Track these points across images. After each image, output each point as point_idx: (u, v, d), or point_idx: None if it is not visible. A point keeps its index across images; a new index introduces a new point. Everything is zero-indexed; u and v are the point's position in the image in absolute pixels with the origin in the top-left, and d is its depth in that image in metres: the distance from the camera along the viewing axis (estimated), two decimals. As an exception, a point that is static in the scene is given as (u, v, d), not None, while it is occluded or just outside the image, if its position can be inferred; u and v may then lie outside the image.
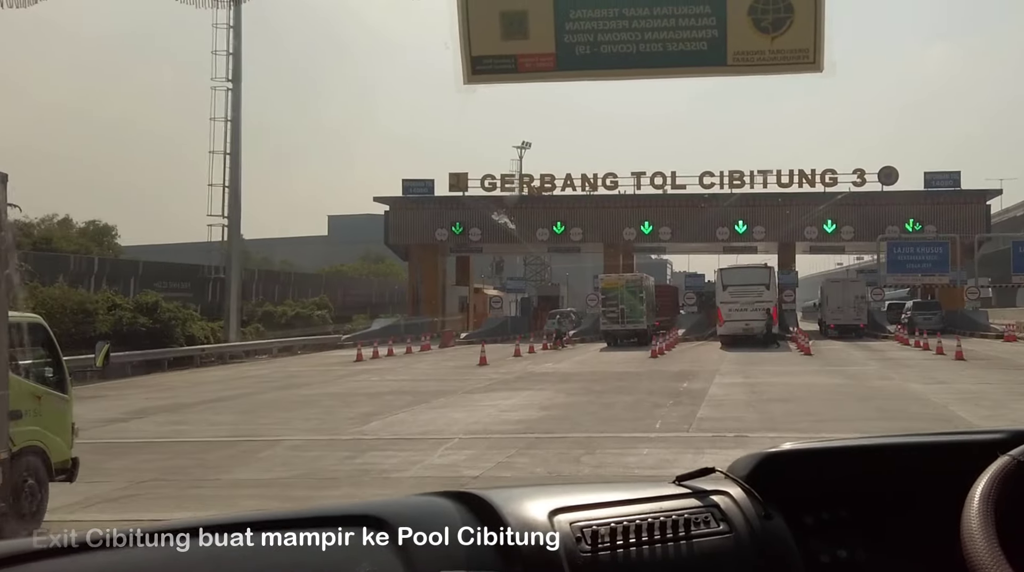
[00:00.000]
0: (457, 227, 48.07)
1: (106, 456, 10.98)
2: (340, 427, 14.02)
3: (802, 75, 5.66)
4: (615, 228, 47.68)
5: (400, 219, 48.62)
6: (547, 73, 5.90)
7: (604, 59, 6.04)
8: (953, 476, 1.46)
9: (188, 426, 14.84)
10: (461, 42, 5.46)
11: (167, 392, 20.86)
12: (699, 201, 47.43)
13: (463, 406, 16.35)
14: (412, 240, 48.81)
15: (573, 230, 47.85)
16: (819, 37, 5.61)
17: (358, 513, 1.42)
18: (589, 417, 14.70)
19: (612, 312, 38.66)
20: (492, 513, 1.43)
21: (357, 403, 17.14)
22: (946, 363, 24.85)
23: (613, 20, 5.98)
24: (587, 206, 47.88)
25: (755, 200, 47.00)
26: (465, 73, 5.49)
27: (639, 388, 18.96)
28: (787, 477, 1.66)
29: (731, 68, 6.10)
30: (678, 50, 5.86)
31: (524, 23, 5.72)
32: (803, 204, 46.59)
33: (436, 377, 23.06)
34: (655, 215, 47.68)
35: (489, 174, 48.17)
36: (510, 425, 13.77)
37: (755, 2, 5.75)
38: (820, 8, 5.65)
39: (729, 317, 34.99)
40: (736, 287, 35.28)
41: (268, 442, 12.50)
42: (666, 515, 1.50)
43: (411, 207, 48.56)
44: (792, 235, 46.81)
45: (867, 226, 45.91)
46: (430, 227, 48.27)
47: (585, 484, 2.22)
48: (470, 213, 48.23)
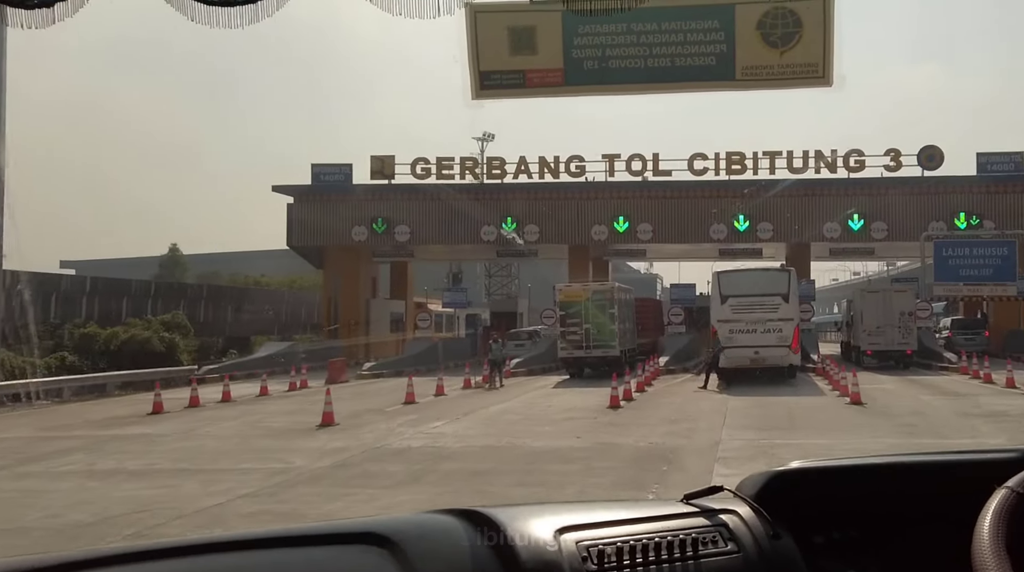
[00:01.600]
0: (379, 224, 37.66)
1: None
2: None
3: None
4: (582, 225, 37.31)
5: (307, 214, 38.16)
6: (555, 88, 8.07)
7: (612, 74, 5.98)
8: (966, 496, 1.43)
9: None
10: (470, 57, 4.36)
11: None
12: (688, 191, 37.14)
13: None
14: (323, 240, 38.30)
15: (528, 228, 37.46)
16: (828, 51, 4.61)
17: (361, 530, 1.42)
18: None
19: (574, 333, 28.62)
20: (497, 531, 1.42)
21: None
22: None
23: (621, 35, 5.46)
24: (546, 198, 37.53)
25: (760, 190, 36.74)
26: (474, 88, 4.50)
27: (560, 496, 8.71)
28: (796, 496, 1.63)
29: (740, 83, 9.28)
30: (686, 65, 5.27)
31: (532, 38, 5.12)
32: (822, 194, 36.39)
33: (190, 461, 12.54)
34: (632, 209, 37.35)
35: (422, 157, 37.85)
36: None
37: (764, 17, 4.73)
38: (829, 22, 4.56)
39: (731, 341, 24.60)
40: (741, 299, 24.82)
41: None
42: (673, 534, 1.49)
43: (322, 199, 38.13)
44: (808, 234, 36.56)
45: (904, 222, 35.67)
46: (347, 224, 37.88)
47: (592, 502, 2.05)
48: (397, 206, 37.89)
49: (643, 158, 36.82)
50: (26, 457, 13.07)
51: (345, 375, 27.63)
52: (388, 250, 38.80)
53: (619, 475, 10.54)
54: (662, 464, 11.20)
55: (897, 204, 35.88)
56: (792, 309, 24.99)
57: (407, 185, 37.86)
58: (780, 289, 24.94)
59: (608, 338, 28.33)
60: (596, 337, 28.24)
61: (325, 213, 37.95)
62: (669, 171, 37.26)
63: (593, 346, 28.19)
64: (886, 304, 28.76)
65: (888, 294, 29.10)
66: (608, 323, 28.42)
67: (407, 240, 37.75)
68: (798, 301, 26.24)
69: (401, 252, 39.00)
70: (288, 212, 38.11)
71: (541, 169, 37.63)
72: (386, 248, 38.88)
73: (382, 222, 37.55)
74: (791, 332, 24.58)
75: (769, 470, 1.67)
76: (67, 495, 9.99)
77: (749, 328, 24.51)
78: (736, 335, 24.60)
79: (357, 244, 37.91)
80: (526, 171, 37.69)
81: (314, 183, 38.10)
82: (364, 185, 38.05)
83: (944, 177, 35.87)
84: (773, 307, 24.71)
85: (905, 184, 35.92)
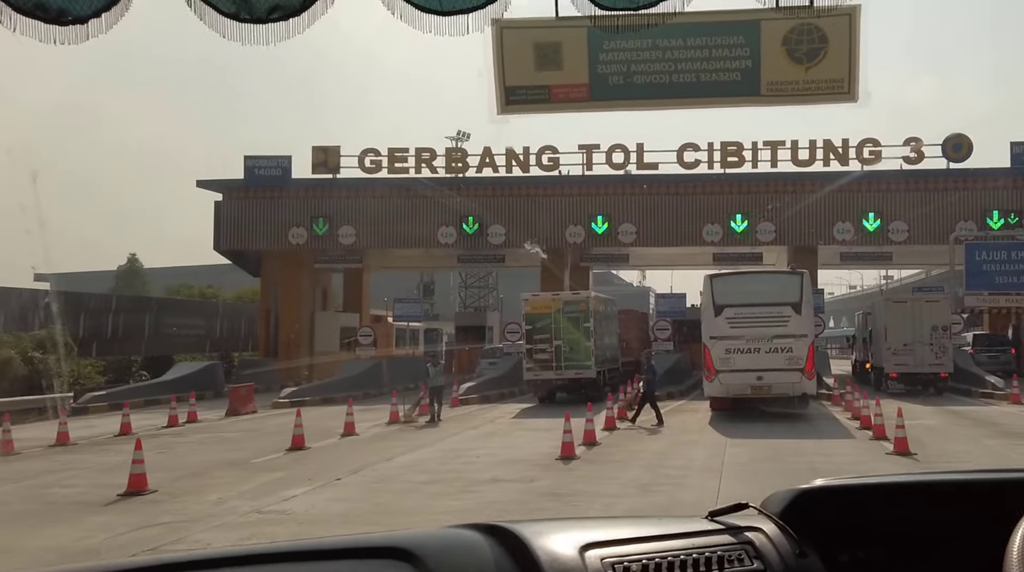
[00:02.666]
0: (320, 225, 32.55)
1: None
2: None
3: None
4: (555, 226, 32.24)
5: (238, 213, 33.04)
6: (581, 103, 4.64)
7: (637, 89, 4.94)
8: (993, 516, 1.41)
9: None
10: (495, 72, 4.34)
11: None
12: (678, 186, 32.15)
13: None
14: (257, 244, 33.15)
15: (492, 229, 32.38)
16: (854, 66, 4.47)
17: (386, 545, 1.43)
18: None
19: (542, 352, 24.08)
20: (521, 547, 1.41)
21: None
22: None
23: (647, 51, 5.11)
24: (513, 194, 32.50)
25: (760, 184, 31.80)
26: (499, 103, 4.31)
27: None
28: (822, 514, 1.62)
29: (765, 98, 11.15)
30: (711, 80, 4.70)
31: (558, 54, 5.02)
32: (831, 190, 31.40)
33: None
34: (613, 207, 32.31)
35: (371, 148, 32.77)
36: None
37: (789, 32, 4.37)
38: (855, 38, 4.53)
39: (727, 364, 19.37)
40: (741, 310, 19.54)
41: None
42: (699, 551, 1.48)
43: (256, 195, 33.04)
44: (815, 235, 31.58)
45: (929, 222, 30.69)
46: (283, 225, 32.80)
47: (617, 518, 1.83)
48: (341, 204, 32.84)
49: (625, 149, 31.79)
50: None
51: (252, 404, 22.44)
52: (333, 255, 33.65)
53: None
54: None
55: (920, 201, 30.93)
56: (805, 322, 19.58)
57: (353, 179, 32.83)
58: (790, 297, 19.53)
59: (583, 357, 23.96)
60: (569, 355, 23.90)
61: (259, 212, 32.88)
62: (655, 164, 32.25)
63: (565, 366, 23.87)
64: (915, 317, 23.70)
65: (918, 305, 24.00)
66: (583, 339, 24.00)
67: (352, 243, 32.61)
68: (812, 312, 20.95)
69: (348, 258, 33.84)
70: (215, 211, 32.96)
71: (508, 162, 32.60)
72: (333, 253, 33.72)
73: (323, 222, 32.44)
74: (804, 351, 19.17)
75: (794, 488, 1.66)
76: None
77: (751, 347, 19.23)
78: (734, 356, 19.31)
79: (295, 248, 32.79)
80: (491, 164, 32.68)
81: (247, 178, 33.01)
82: (303, 179, 33.00)
83: (974, 169, 30.92)
84: (781, 320, 19.36)
85: (929, 178, 30.99)
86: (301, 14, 2.25)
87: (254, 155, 33.25)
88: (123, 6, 2.19)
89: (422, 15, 2.27)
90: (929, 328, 23.42)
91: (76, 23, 2.16)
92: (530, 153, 32.46)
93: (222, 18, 2.21)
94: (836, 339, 58.65)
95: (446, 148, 32.77)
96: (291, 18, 2.23)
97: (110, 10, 2.18)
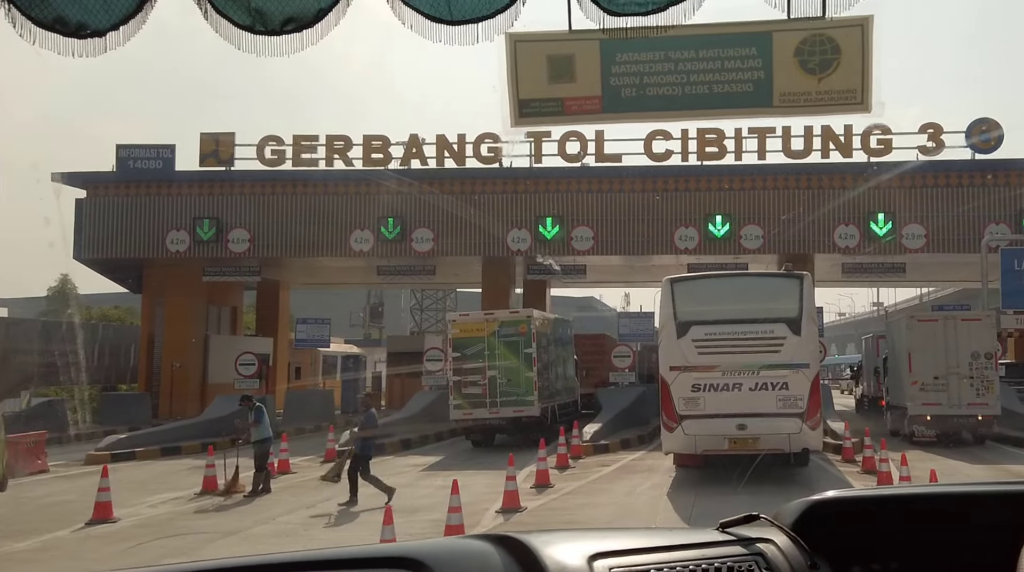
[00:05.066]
0: (205, 228, 26.50)
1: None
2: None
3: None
4: (493, 230, 26.30)
5: (106, 213, 26.96)
6: (594, 115, 8.16)
7: (650, 101, 8.16)
8: (1005, 527, 1.40)
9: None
10: (509, 85, 7.61)
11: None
12: (645, 182, 26.35)
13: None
14: (129, 252, 26.98)
15: (417, 233, 26.41)
16: (867, 77, 5.37)
17: (397, 555, 1.42)
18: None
19: (472, 385, 19.78)
20: (530, 557, 1.40)
21: None
22: None
23: (659, 63, 8.01)
24: (444, 191, 26.52)
25: (746, 179, 26.04)
26: (513, 116, 7.87)
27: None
28: (834, 526, 1.60)
29: (777, 109, 9.02)
30: (724, 91, 8.01)
31: (571, 67, 7.84)
32: (830, 187, 25.72)
33: None
34: (565, 206, 26.43)
35: (273, 135, 26.83)
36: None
37: (802, 44, 4.33)
38: (868, 49, 5.26)
39: (694, 406, 13.51)
40: (714, 328, 13.67)
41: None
42: (708, 562, 1.46)
43: (129, 192, 27.01)
44: (811, 242, 25.81)
45: (950, 224, 24.96)
46: (162, 228, 26.77)
47: (626, 529, 2.04)
48: (234, 203, 26.89)
49: (582, 137, 25.85)
50: None
51: (41, 460, 16.23)
52: (225, 266, 27.55)
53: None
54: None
55: (940, 200, 25.21)
56: (807, 346, 13.64)
57: (250, 173, 26.89)
58: (785, 310, 13.63)
59: (524, 391, 19.67)
60: (506, 389, 19.68)
61: (133, 213, 26.81)
62: (618, 155, 26.47)
63: (501, 402, 19.61)
64: (949, 341, 17.73)
65: (952, 325, 17.97)
66: (523, 369, 19.77)
67: (245, 250, 26.55)
68: (816, 332, 15.09)
69: (242, 269, 27.73)
70: (76, 211, 26.84)
71: (440, 152, 26.74)
72: (226, 263, 27.60)
73: (208, 225, 26.40)
74: (806, 389, 13.29)
75: (806, 499, 1.63)
76: None
77: (729, 382, 13.42)
78: (705, 396, 13.46)
79: (177, 257, 26.69)
80: (419, 155, 26.81)
81: (120, 170, 26.98)
82: (189, 173, 27.03)
83: (1006, 160, 25.27)
84: (773, 343, 13.47)
85: (950, 171, 25.30)
86: (315, 25, 2.29)
87: (129, 144, 27.24)
88: (140, 19, 2.25)
89: (431, 25, 2.30)
90: (968, 355, 17.49)
91: (94, 36, 2.23)
92: (466, 142, 26.64)
93: (236, 31, 2.27)
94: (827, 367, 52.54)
95: (363, 135, 26.82)
96: (305, 30, 2.29)
97: (128, 23, 2.23)
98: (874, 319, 64.39)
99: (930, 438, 17.74)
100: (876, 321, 60.45)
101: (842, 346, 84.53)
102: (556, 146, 26.12)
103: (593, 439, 18.17)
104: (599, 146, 26.18)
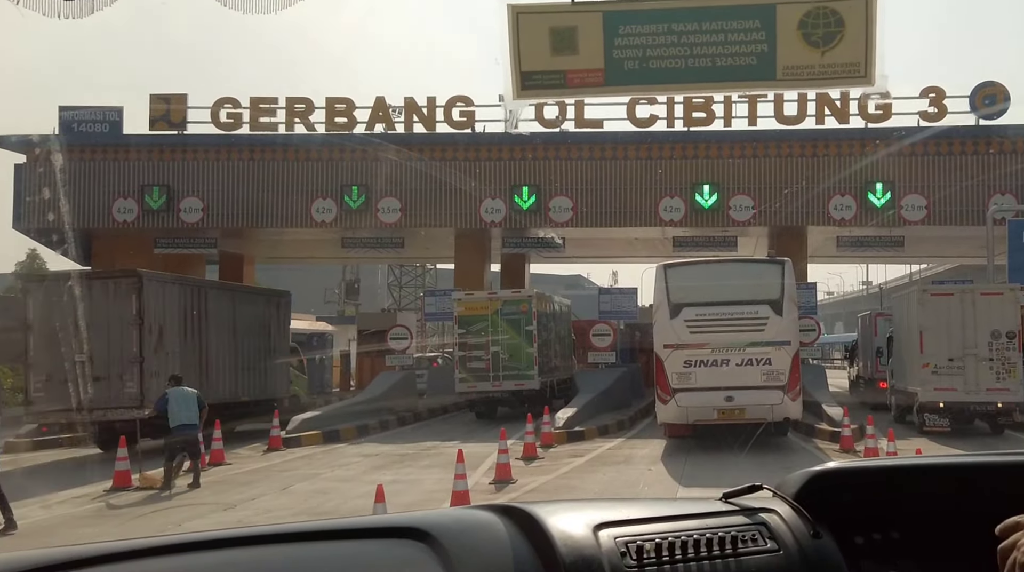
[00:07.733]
0: (154, 196, 24.64)
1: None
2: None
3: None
4: (466, 200, 24.55)
5: (48, 179, 25.02)
6: (596, 88, 6.09)
7: (653, 74, 6.31)
8: (1010, 497, 1.39)
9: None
10: (511, 58, 5.83)
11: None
12: (627, 149, 24.63)
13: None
14: (74, 222, 25.08)
15: (383, 202, 24.62)
16: (871, 50, 5.78)
17: (403, 525, 1.43)
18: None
19: (477, 360, 21.00)
20: (536, 526, 1.40)
21: None
22: None
23: (662, 35, 6.09)
24: (412, 157, 24.69)
25: (736, 146, 24.36)
26: (515, 89, 5.87)
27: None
28: (836, 496, 1.60)
29: (780, 82, 6.59)
30: (727, 65, 6.17)
31: (574, 39, 6.08)
32: (825, 155, 24.09)
33: None
34: (542, 175, 24.70)
35: (229, 97, 24.92)
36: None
37: (805, 16, 5.90)
38: (872, 21, 5.77)
39: (686, 381, 14.15)
40: (704, 309, 14.48)
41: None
42: (712, 532, 1.46)
43: (73, 156, 25.02)
44: (804, 214, 24.20)
45: (953, 195, 23.37)
46: (108, 196, 24.90)
47: (630, 500, 1.97)
48: (186, 170, 25.02)
49: (561, 101, 24.11)
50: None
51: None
52: (179, 237, 25.68)
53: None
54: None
55: (942, 168, 23.63)
56: (787, 325, 14.71)
57: (204, 136, 25.01)
58: (768, 292, 14.63)
59: (525, 365, 20.81)
60: (509, 364, 20.83)
61: (77, 179, 24.86)
62: (599, 121, 24.77)
63: (505, 376, 20.78)
64: (966, 317, 16.10)
65: (969, 299, 16.30)
66: (524, 345, 20.88)
67: (198, 220, 24.72)
68: (796, 312, 15.68)
69: (197, 241, 25.85)
70: (15, 177, 24.92)
71: (408, 116, 24.93)
72: (180, 234, 25.72)
73: (158, 193, 24.54)
74: (787, 364, 14.38)
75: (809, 469, 1.62)
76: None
77: (717, 358, 14.31)
78: (696, 371, 14.16)
79: (123, 227, 24.84)
80: (385, 119, 24.98)
81: (64, 133, 25.01)
82: (138, 136, 25.11)
83: (1011, 126, 23.69)
84: (757, 323, 14.44)
85: (953, 137, 23.70)
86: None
87: (73, 106, 25.28)
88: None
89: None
90: (988, 334, 15.85)
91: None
92: (436, 105, 24.83)
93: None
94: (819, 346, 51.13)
95: (326, 98, 24.96)
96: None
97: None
98: (865, 297, 63.11)
99: (943, 429, 16.14)
100: (868, 299, 59.10)
101: (829, 325, 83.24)
102: (532, 111, 24.38)
103: (567, 425, 16.58)
104: (579, 111, 24.48)
